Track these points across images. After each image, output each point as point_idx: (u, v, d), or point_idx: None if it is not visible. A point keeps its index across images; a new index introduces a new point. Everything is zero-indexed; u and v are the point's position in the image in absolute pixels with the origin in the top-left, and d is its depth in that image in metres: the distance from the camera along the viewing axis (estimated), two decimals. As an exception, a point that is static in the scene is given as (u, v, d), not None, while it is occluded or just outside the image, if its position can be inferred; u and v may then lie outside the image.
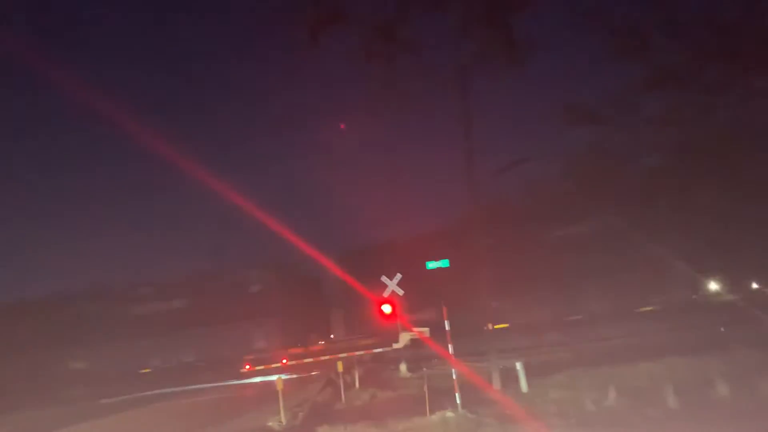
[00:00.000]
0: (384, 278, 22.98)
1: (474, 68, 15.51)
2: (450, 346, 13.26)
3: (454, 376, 12.82)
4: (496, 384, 15.42)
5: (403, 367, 23.33)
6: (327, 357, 32.36)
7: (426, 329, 23.49)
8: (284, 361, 33.80)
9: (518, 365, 14.48)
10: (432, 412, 12.06)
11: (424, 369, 21.63)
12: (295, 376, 29.30)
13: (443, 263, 13.86)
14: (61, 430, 20.18)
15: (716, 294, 28.75)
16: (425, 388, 12.80)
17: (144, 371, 39.00)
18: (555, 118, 21.41)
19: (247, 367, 34.53)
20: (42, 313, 40.06)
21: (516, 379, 14.45)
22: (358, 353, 28.22)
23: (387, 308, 22.66)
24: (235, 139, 73.06)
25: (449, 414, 11.83)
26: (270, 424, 14.56)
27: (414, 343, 24.56)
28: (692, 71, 16.23)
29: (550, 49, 19.61)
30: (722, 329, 20.87)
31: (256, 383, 30.83)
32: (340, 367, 18.83)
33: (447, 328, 13.30)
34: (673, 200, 21.80)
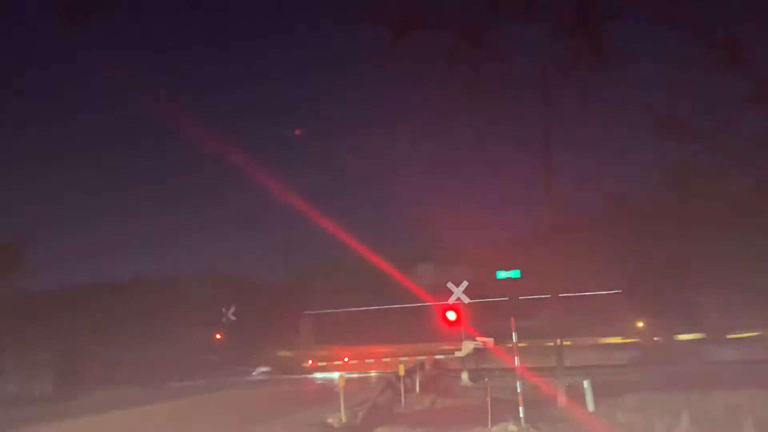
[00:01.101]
0: (450, 285, 22.94)
1: (559, 76, 15.19)
2: (516, 358, 13.00)
3: (519, 389, 12.55)
4: (562, 401, 15.03)
5: (464, 375, 23.12)
6: (389, 359, 32.34)
7: (491, 339, 23.21)
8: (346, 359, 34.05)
9: (586, 383, 14.06)
10: (494, 423, 11.85)
11: (486, 379, 21.37)
12: (355, 375, 29.48)
13: (514, 273, 13.60)
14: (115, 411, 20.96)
15: None
16: (488, 399, 12.60)
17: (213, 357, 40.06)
18: (642, 131, 20.67)
19: (310, 362, 35.06)
20: (130, 295, 41.91)
21: (582, 397, 14.03)
22: (419, 358, 28.08)
23: (451, 315, 22.57)
24: (306, 138, 74.09)
25: (511, 427, 11.61)
26: (329, 420, 14.70)
27: (478, 353, 24.31)
28: None
29: (641, 59, 18.92)
30: None
31: (316, 379, 31.27)
32: (401, 370, 18.81)
33: (514, 339, 13.04)
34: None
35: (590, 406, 13.74)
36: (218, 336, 41.36)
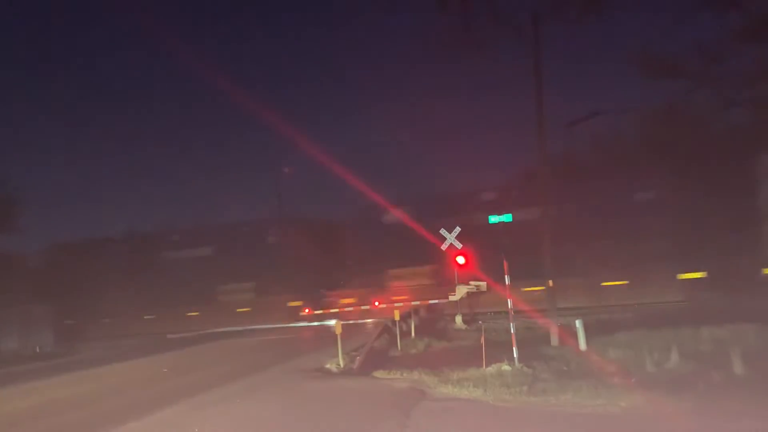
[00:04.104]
0: (443, 231, 23.04)
1: (549, 15, 14.91)
2: (509, 300, 13.17)
3: (512, 330, 12.78)
4: (554, 341, 15.32)
5: (458, 318, 23.47)
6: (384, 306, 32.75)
7: (483, 283, 23.52)
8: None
9: (577, 323, 14.31)
10: (488, 364, 12.10)
11: (480, 322, 21.73)
12: (351, 321, 29.88)
13: (506, 218, 13.67)
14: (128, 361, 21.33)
15: None
16: (482, 340, 12.82)
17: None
18: (632, 71, 20.44)
19: (306, 310, 35.46)
20: (116, 251, 41.93)
21: (575, 336, 14.31)
22: (414, 303, 28.48)
23: (461, 259, 22.87)
24: (300, 86, 73.46)
25: (505, 367, 11.85)
26: (328, 366, 14.96)
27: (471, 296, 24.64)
28: None
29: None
30: None
31: (313, 326, 31.71)
32: (396, 315, 19.06)
33: (507, 282, 13.19)
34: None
35: (582, 344, 14.01)
36: None
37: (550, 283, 16.05)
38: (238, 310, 38.88)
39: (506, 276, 13.23)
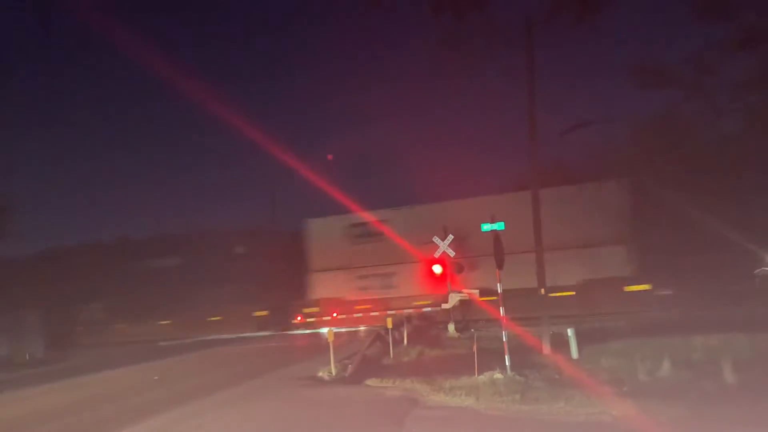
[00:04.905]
0: (435, 239, 23.02)
1: (542, 25, 14.98)
2: (501, 308, 13.19)
3: (504, 338, 12.79)
4: (546, 349, 15.33)
5: (451, 327, 23.44)
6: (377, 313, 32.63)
7: (476, 290, 23.52)
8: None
9: (569, 331, 14.34)
10: (480, 372, 12.11)
11: (473, 330, 21.74)
12: (343, 329, 29.82)
13: (499, 225, 13.71)
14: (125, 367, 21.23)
15: None
16: (474, 349, 12.83)
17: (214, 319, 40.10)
18: (624, 80, 20.60)
19: (298, 318, 35.25)
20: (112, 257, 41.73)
21: (567, 345, 14.33)
22: (406, 311, 28.42)
23: (437, 269, 22.77)
24: (290, 91, 73.66)
25: (497, 375, 11.86)
26: (320, 374, 14.93)
27: (464, 304, 24.62)
28: None
29: (623, 5, 18.68)
30: None
31: (305, 335, 31.61)
32: (389, 323, 19.04)
33: (499, 290, 13.22)
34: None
35: (574, 353, 14.03)
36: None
37: (542, 291, 16.06)
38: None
39: (498, 284, 13.26)
